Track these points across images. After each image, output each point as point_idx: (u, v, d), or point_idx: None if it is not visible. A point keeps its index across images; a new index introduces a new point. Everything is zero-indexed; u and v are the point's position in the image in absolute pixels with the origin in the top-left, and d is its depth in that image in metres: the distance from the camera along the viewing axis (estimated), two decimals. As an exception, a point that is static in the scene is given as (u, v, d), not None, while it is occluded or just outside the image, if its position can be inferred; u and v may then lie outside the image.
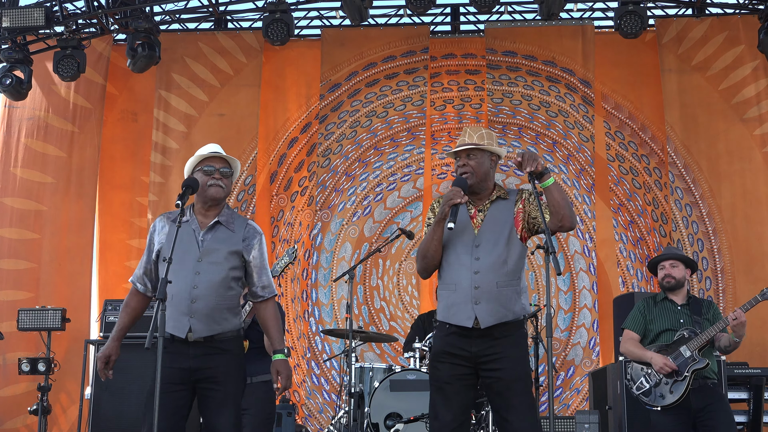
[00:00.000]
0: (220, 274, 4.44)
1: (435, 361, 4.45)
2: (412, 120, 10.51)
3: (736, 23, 10.18)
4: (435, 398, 4.39)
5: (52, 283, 10.15)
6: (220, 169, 4.54)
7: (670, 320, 5.78)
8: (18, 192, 10.44)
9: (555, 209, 4.30)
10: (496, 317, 4.30)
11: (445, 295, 4.44)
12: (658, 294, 5.98)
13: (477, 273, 4.33)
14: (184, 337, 4.34)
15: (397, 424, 6.99)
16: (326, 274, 10.17)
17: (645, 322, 5.86)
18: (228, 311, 4.47)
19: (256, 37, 10.71)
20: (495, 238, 4.38)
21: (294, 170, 10.60)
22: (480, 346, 4.31)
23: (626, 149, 10.31)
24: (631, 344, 5.87)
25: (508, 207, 4.46)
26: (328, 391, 9.86)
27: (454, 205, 4.28)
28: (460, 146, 4.53)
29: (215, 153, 4.59)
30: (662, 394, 5.62)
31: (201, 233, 4.49)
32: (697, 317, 5.73)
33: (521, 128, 10.36)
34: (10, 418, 9.68)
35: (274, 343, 4.56)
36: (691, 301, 5.85)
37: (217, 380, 4.35)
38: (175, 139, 10.51)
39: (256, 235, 4.58)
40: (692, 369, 5.55)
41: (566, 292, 9.94)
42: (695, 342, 5.59)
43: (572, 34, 10.50)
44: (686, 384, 5.55)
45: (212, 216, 4.53)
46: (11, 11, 9.41)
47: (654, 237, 10.05)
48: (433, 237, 4.40)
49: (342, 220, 10.33)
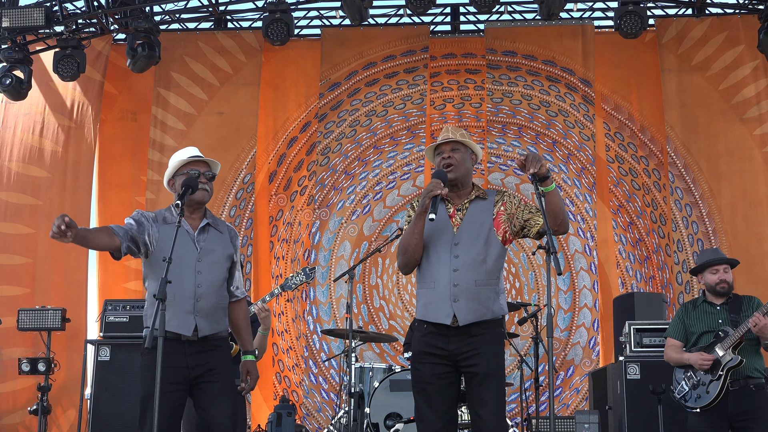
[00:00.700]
0: (219, 275, 4.54)
1: (415, 362, 4.46)
2: (412, 118, 10.51)
3: (736, 23, 10.18)
4: (418, 399, 4.40)
5: (47, 279, 10.15)
6: (205, 172, 4.58)
7: (709, 322, 5.71)
8: (13, 186, 10.44)
9: (555, 214, 4.30)
10: (475, 315, 4.31)
11: (424, 293, 4.45)
12: (698, 298, 5.91)
13: (456, 271, 4.34)
14: (190, 335, 4.38)
15: (397, 424, 6.99)
16: (324, 272, 10.18)
17: (685, 328, 5.81)
18: (222, 311, 4.58)
19: (255, 37, 10.71)
20: (474, 237, 4.39)
21: (293, 170, 10.60)
22: (457, 344, 4.32)
23: (626, 150, 10.31)
24: (671, 351, 5.84)
25: (488, 207, 4.47)
26: (327, 390, 9.86)
27: (434, 197, 4.27)
28: (444, 139, 4.54)
29: (197, 157, 4.62)
30: (700, 395, 5.56)
31: (195, 234, 4.54)
32: (735, 315, 5.64)
33: (521, 128, 10.36)
34: (7, 415, 9.69)
35: (244, 344, 4.69)
36: (730, 300, 5.75)
37: (214, 373, 4.42)
38: (173, 137, 10.50)
39: (236, 236, 4.73)
40: (727, 368, 5.47)
41: (566, 291, 9.94)
42: (728, 340, 5.51)
43: (572, 33, 10.50)
44: (722, 383, 5.46)
45: (198, 218, 4.59)
46: (11, 11, 9.41)
47: (653, 238, 10.05)
48: (413, 230, 4.39)
49: (341, 218, 10.33)
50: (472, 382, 4.32)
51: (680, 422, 6.53)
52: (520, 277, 10.04)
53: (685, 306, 5.93)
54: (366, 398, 7.15)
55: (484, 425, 4.25)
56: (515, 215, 4.43)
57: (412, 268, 4.49)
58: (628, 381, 7.11)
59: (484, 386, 4.28)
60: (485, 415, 4.25)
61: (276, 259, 10.39)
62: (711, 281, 5.77)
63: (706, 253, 5.98)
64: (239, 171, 10.44)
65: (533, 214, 4.41)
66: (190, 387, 4.43)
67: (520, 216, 4.42)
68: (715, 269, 5.77)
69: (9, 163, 10.51)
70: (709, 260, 5.82)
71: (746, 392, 5.49)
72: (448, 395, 4.38)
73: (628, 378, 7.12)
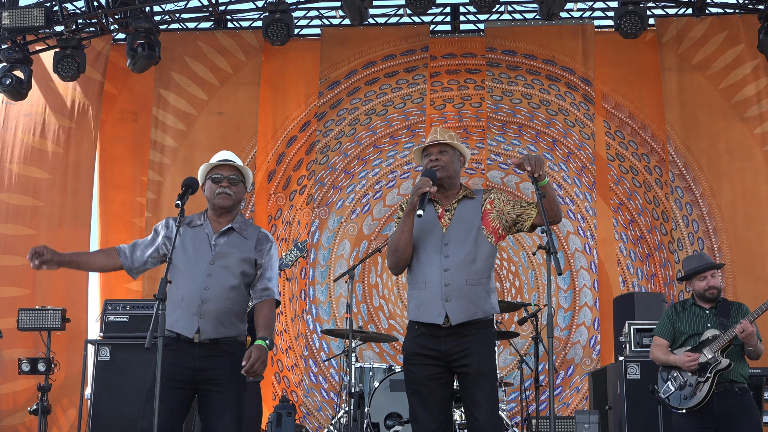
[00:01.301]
0: (232, 279, 4.48)
1: (407, 363, 4.49)
2: (412, 117, 10.51)
3: (737, 22, 10.17)
4: (412, 401, 4.42)
5: (48, 280, 10.14)
6: (228, 176, 4.57)
7: (697, 325, 5.74)
8: (14, 188, 10.45)
9: (550, 206, 4.31)
10: (467, 314, 4.33)
11: (415, 294, 4.46)
12: (687, 300, 5.93)
13: (447, 270, 4.36)
14: (191, 337, 4.36)
15: (396, 424, 6.99)
16: (324, 271, 10.18)
17: (673, 328, 5.83)
18: (235, 316, 4.50)
19: (255, 36, 10.71)
20: (463, 236, 4.42)
21: (293, 169, 10.60)
22: (449, 344, 4.34)
23: (626, 148, 10.30)
24: (657, 350, 5.86)
25: (475, 206, 4.50)
26: (327, 389, 9.86)
27: (423, 194, 4.30)
28: (432, 141, 4.56)
29: (225, 161, 4.62)
30: (686, 396, 5.59)
31: (214, 237, 4.53)
32: (724, 319, 5.67)
33: (521, 126, 10.35)
34: (8, 416, 9.70)
35: (259, 331, 4.50)
36: (719, 305, 5.78)
37: (219, 382, 4.37)
38: (174, 138, 10.51)
39: (268, 242, 4.62)
40: (714, 370, 5.50)
41: (566, 290, 9.94)
42: (717, 343, 5.54)
43: (572, 33, 10.50)
44: (709, 385, 5.50)
45: (225, 222, 4.58)
46: (11, 11, 9.41)
47: (655, 235, 10.04)
48: (403, 229, 4.41)
49: (340, 217, 10.33)
50: (465, 382, 4.34)
51: (680, 422, 6.57)
52: (520, 275, 10.04)
53: (675, 306, 5.95)
54: (366, 398, 7.15)
55: (479, 425, 4.27)
56: (505, 210, 4.47)
57: (403, 268, 4.51)
58: (628, 381, 7.11)
59: (477, 386, 4.30)
60: (480, 415, 4.28)
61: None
62: (699, 288, 5.79)
63: (692, 260, 5.96)
64: (240, 171, 10.42)
65: (525, 208, 4.45)
66: (196, 390, 4.40)
67: (511, 211, 4.46)
68: (702, 276, 5.78)
69: (10, 164, 10.52)
70: (695, 268, 5.82)
71: (731, 394, 5.54)
72: (441, 396, 4.40)
73: (628, 378, 7.12)
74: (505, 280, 10.03)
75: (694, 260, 5.93)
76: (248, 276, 4.54)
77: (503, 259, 10.06)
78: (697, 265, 5.83)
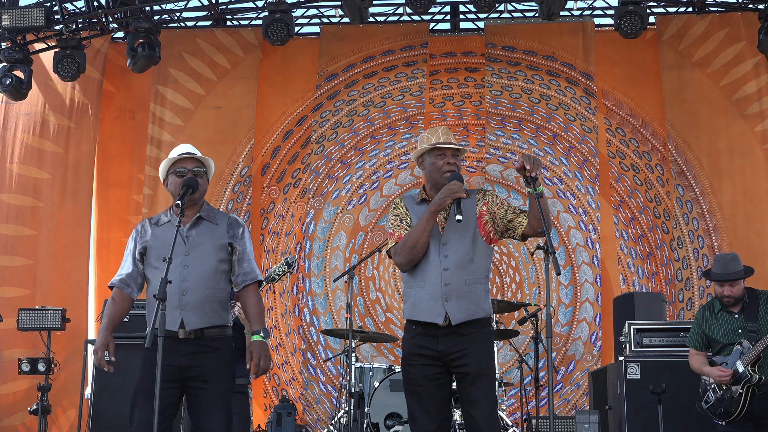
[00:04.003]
0: (209, 266, 4.49)
1: (405, 364, 4.47)
2: (411, 109, 10.50)
3: (737, 20, 10.14)
4: (410, 401, 4.42)
5: (49, 280, 10.16)
6: (193, 169, 4.58)
7: (728, 333, 5.73)
8: (14, 188, 10.46)
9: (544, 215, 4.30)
10: (467, 314, 4.33)
11: (413, 293, 4.45)
12: (715, 302, 5.88)
13: (446, 270, 4.36)
14: (176, 331, 4.37)
15: (396, 424, 7.00)
16: (319, 263, 10.17)
17: (705, 335, 5.84)
18: (218, 304, 4.51)
19: (254, 34, 10.69)
20: (461, 236, 4.41)
21: (288, 162, 10.58)
22: (447, 344, 4.34)
23: (627, 146, 10.29)
24: (694, 360, 5.89)
25: (471, 206, 4.48)
26: (324, 382, 9.86)
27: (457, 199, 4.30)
28: (446, 143, 4.52)
29: (186, 154, 4.62)
30: (725, 409, 5.64)
31: (185, 229, 4.53)
32: (753, 325, 5.64)
33: (521, 121, 10.34)
34: (7, 416, 9.71)
35: (252, 325, 4.54)
36: (746, 306, 5.73)
37: (207, 379, 4.38)
38: (171, 133, 10.50)
39: (240, 226, 4.64)
40: (746, 385, 5.53)
41: (567, 286, 9.93)
42: (746, 357, 5.54)
43: (572, 30, 10.48)
44: (742, 401, 5.53)
45: (192, 214, 4.58)
46: (11, 11, 9.40)
47: (656, 234, 10.03)
48: (425, 228, 4.38)
49: (336, 208, 10.31)
50: (464, 382, 4.34)
51: (680, 422, 6.58)
52: (520, 270, 10.04)
53: (702, 312, 5.92)
54: (366, 398, 7.16)
55: (478, 425, 4.27)
56: (498, 215, 4.46)
57: (413, 265, 4.47)
58: (628, 381, 7.10)
59: (475, 386, 4.29)
60: (478, 415, 4.27)
61: (266, 252, 10.38)
62: (718, 292, 5.80)
63: (718, 263, 5.85)
64: (236, 164, 10.44)
65: (517, 215, 4.43)
66: (183, 388, 4.41)
67: (503, 216, 4.45)
68: (721, 282, 5.76)
69: (10, 164, 10.52)
70: (717, 277, 5.77)
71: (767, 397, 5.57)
72: (440, 396, 4.40)
73: (628, 378, 7.11)
74: (506, 275, 10.02)
75: (717, 264, 5.83)
76: (225, 262, 4.55)
77: (503, 254, 10.05)
78: (716, 273, 5.78)
